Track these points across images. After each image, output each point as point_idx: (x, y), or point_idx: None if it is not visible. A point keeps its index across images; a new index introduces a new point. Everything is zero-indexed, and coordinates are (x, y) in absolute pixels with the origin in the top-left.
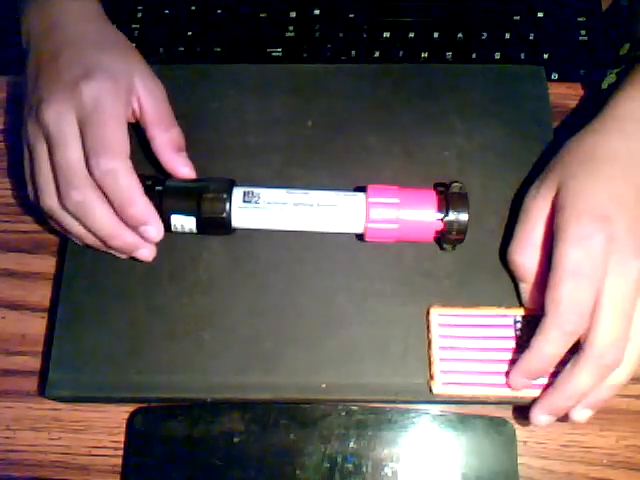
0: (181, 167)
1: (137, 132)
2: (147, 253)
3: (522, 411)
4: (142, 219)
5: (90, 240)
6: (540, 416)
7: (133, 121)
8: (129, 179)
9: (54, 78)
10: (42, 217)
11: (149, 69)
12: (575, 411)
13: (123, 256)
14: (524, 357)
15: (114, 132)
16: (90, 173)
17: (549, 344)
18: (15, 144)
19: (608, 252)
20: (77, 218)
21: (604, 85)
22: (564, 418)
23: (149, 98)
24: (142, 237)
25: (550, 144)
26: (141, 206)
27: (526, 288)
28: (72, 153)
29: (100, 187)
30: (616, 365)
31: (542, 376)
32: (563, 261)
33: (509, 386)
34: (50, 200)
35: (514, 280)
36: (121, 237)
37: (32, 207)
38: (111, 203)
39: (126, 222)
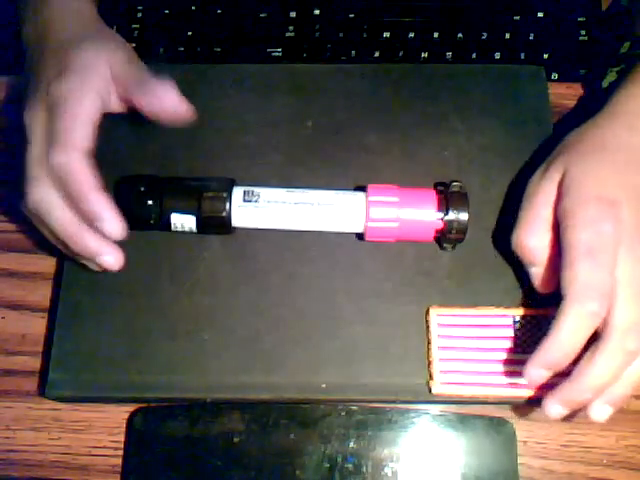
0: (163, 85)
1: (137, 132)
2: (112, 260)
3: (522, 411)
4: (96, 214)
5: (60, 246)
6: (553, 407)
7: (124, 109)
8: (82, 174)
9: (34, 82)
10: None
11: (129, 53)
12: (594, 407)
13: (95, 267)
14: (542, 346)
15: (70, 127)
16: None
17: (570, 327)
18: (15, 144)
19: (618, 237)
20: (39, 218)
21: (604, 84)
22: (570, 417)
23: (126, 75)
24: (102, 234)
25: (549, 143)
26: (94, 201)
27: (537, 272)
28: (33, 150)
29: (60, 184)
30: (638, 351)
31: (560, 368)
32: (575, 244)
33: (506, 381)
34: (20, 201)
35: (514, 275)
36: (81, 240)
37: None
38: (70, 201)
39: (85, 219)
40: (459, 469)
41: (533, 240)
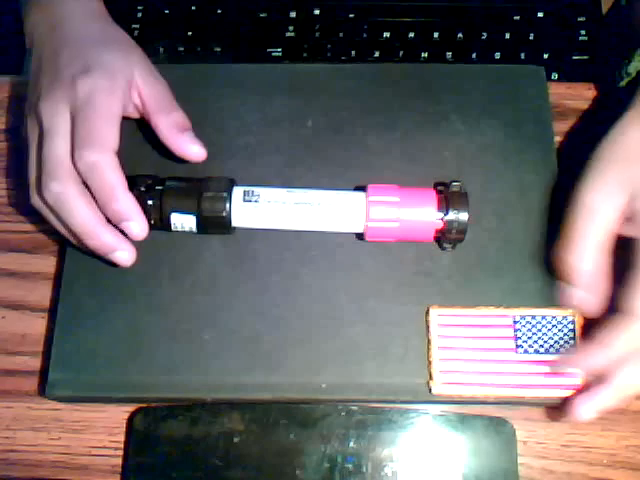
0: (189, 146)
1: (137, 132)
2: (127, 256)
3: (522, 411)
4: (125, 215)
5: (72, 239)
6: (589, 413)
7: (137, 116)
8: (113, 174)
9: (53, 76)
10: (42, 217)
11: (150, 65)
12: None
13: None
14: (588, 350)
15: (102, 126)
16: (74, 166)
17: (623, 344)
18: (16, 144)
19: None
20: (55, 212)
21: (630, 70)
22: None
23: (149, 90)
24: (125, 234)
25: (549, 137)
26: (124, 201)
27: (570, 289)
28: (58, 145)
29: (84, 181)
30: None
31: (596, 373)
32: None
33: (506, 381)
34: (32, 192)
35: (514, 275)
36: (99, 236)
37: (32, 207)
38: (95, 199)
39: (109, 218)
40: (459, 469)
41: (578, 260)
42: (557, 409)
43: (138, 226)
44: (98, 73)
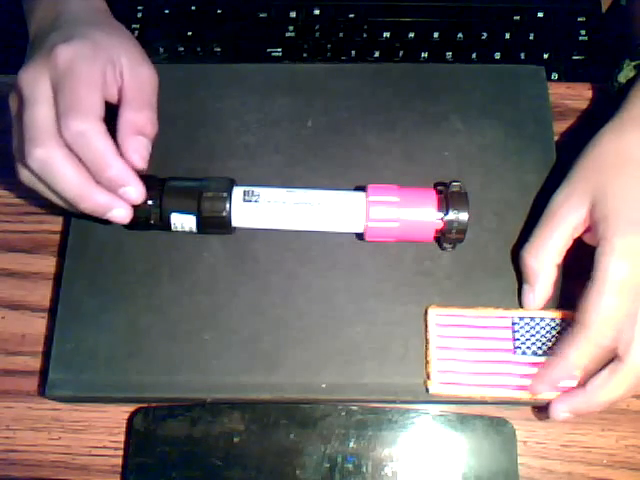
0: (131, 152)
1: None
2: (124, 213)
3: (522, 411)
4: (120, 181)
5: (66, 206)
6: (563, 413)
7: (114, 101)
8: (101, 141)
9: (36, 48)
10: (42, 217)
11: (142, 58)
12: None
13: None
14: (550, 365)
15: (85, 94)
16: (61, 136)
17: (579, 355)
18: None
19: None
20: (43, 179)
21: (621, 78)
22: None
23: (130, 78)
24: (123, 199)
25: (549, 137)
26: (117, 167)
27: (527, 290)
28: (38, 111)
29: (74, 151)
30: None
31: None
32: (608, 273)
33: (504, 382)
34: (18, 165)
35: (518, 279)
36: (91, 198)
37: (32, 207)
38: (87, 167)
39: (105, 185)
40: (459, 469)
41: (536, 261)
42: (543, 408)
43: (135, 190)
44: (80, 42)
